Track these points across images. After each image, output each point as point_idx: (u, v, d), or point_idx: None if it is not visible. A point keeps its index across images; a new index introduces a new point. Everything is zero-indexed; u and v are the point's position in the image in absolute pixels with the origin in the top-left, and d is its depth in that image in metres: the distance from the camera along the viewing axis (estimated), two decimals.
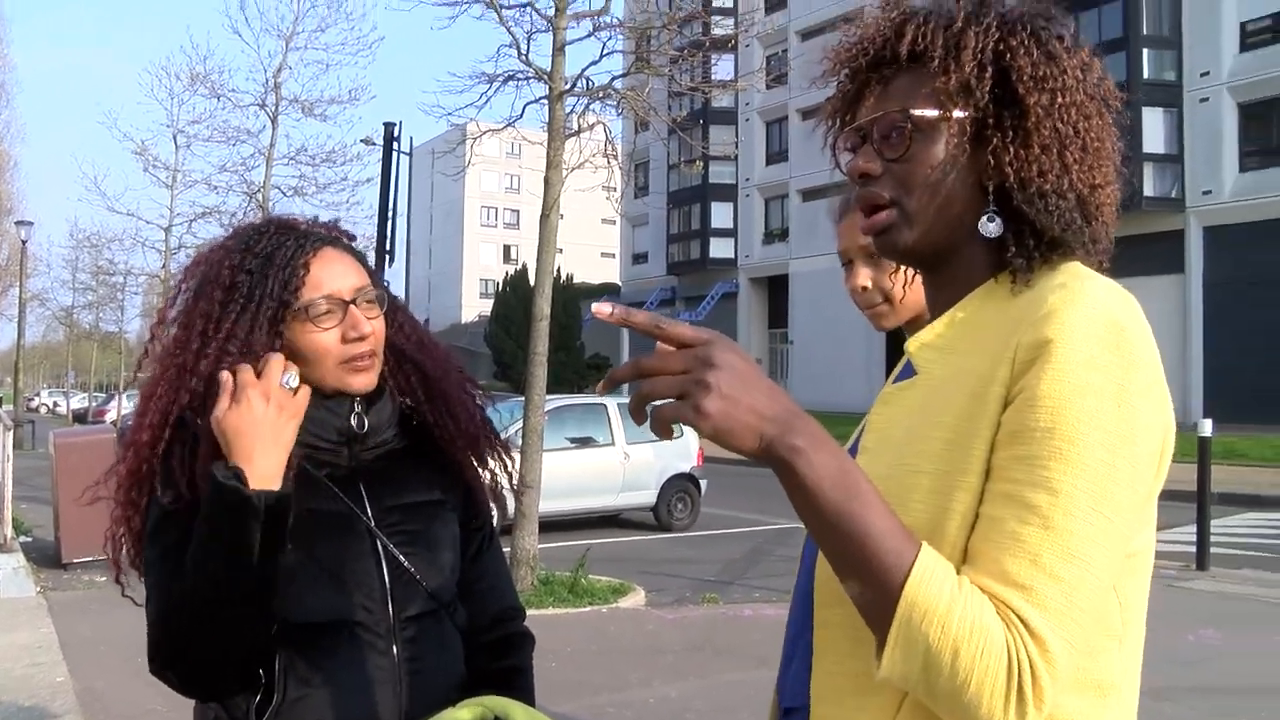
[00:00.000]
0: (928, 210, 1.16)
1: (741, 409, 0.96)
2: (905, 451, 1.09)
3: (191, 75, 20.93)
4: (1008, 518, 0.99)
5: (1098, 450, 0.98)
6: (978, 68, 1.12)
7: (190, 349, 1.59)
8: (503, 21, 9.60)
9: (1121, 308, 1.04)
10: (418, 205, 69.84)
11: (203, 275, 1.64)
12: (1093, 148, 1.14)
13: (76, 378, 53.86)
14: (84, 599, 8.77)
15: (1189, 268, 28.21)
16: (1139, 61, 28.34)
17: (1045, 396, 0.99)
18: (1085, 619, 0.97)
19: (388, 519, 1.66)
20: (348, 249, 1.71)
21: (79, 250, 31.63)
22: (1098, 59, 1.18)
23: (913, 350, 1.18)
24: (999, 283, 1.15)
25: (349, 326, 1.62)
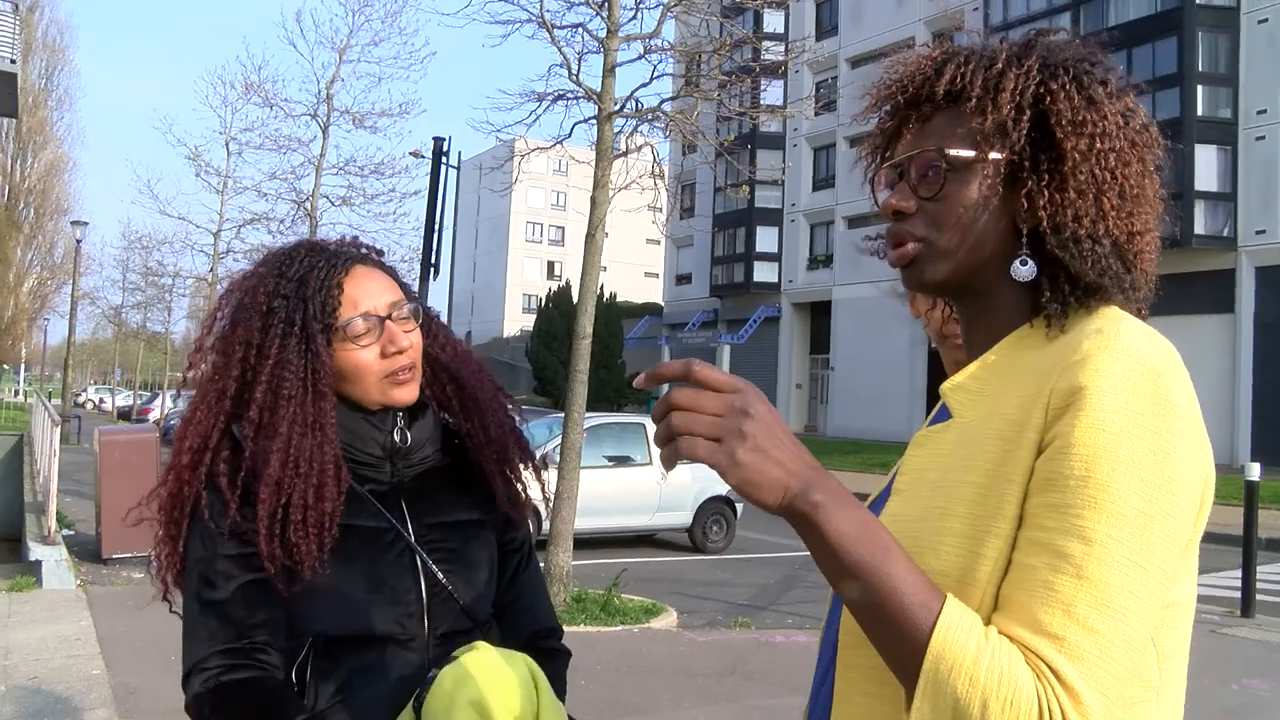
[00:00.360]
0: (958, 249, 1.16)
1: (770, 462, 0.97)
2: (938, 495, 1.08)
3: (246, 84, 21.26)
4: (1040, 566, 0.97)
5: (1133, 499, 0.97)
6: (1015, 110, 1.12)
7: (230, 374, 1.63)
8: (554, 41, 9.69)
9: (1158, 354, 1.03)
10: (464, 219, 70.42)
11: (238, 302, 1.68)
12: (1131, 194, 1.12)
13: (123, 375, 54.63)
14: (122, 594, 8.88)
15: (1239, 307, 27.79)
16: (1193, 98, 28.03)
17: (1079, 444, 0.98)
18: (1120, 671, 0.95)
19: (428, 536, 1.68)
20: (377, 264, 1.75)
21: (130, 251, 32.15)
22: (1141, 105, 1.17)
23: (947, 392, 1.18)
24: (1034, 327, 1.14)
25: (387, 341, 1.65)
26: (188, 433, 1.63)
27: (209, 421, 1.62)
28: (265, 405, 1.60)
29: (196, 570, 1.57)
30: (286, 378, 1.59)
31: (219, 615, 1.54)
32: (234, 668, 1.53)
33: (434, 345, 1.78)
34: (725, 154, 11.12)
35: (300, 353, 1.60)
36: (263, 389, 1.60)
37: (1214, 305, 27.15)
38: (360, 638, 1.59)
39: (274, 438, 1.57)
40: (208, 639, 1.54)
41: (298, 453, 1.57)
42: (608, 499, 12.97)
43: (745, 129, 28.50)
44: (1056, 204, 1.11)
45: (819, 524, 0.98)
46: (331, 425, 1.61)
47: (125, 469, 9.92)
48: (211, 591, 1.55)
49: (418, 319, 1.71)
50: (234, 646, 1.53)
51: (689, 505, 13.95)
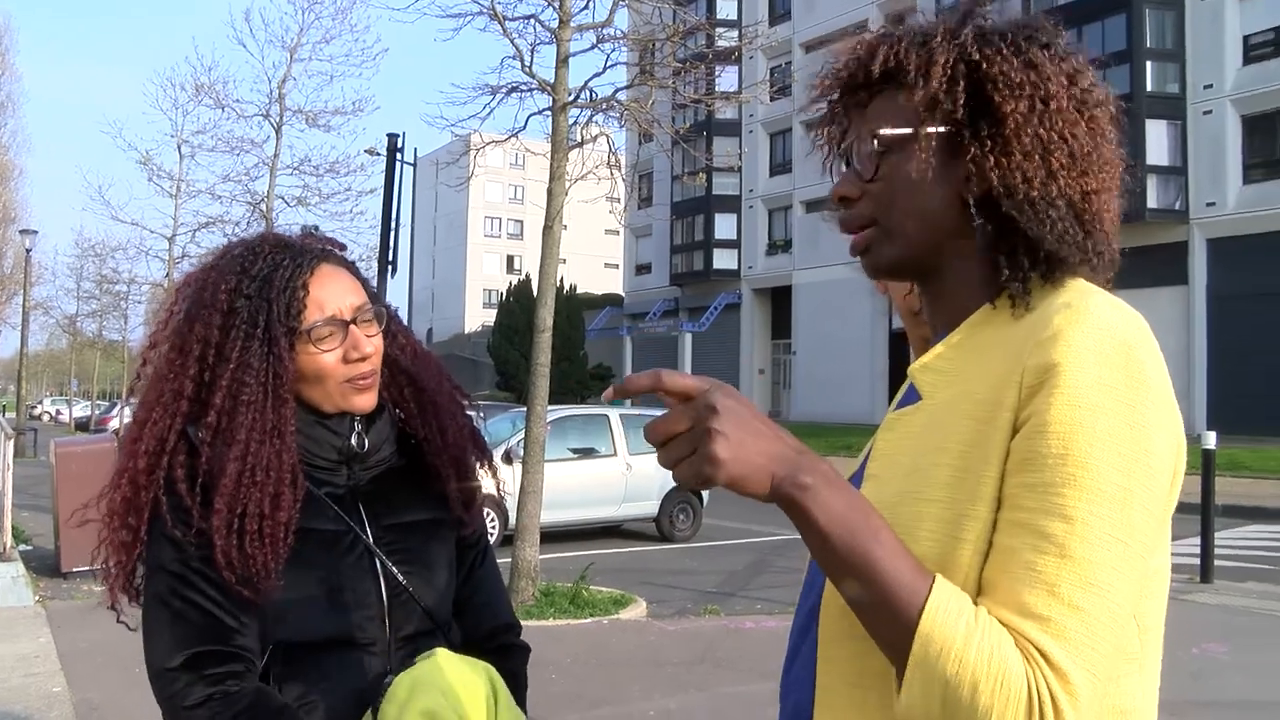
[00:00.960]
0: (906, 227, 1.15)
1: (750, 452, 0.96)
2: (913, 479, 1.07)
3: (196, 86, 21.00)
4: (1023, 548, 0.97)
5: (1112, 474, 0.96)
6: (948, 80, 1.11)
7: (187, 374, 1.57)
8: (506, 34, 9.62)
9: (1129, 326, 1.02)
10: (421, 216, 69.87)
11: (195, 298, 1.62)
12: (1081, 154, 1.11)
13: (79, 386, 53.90)
14: (83, 609, 8.75)
15: (1193, 280, 28.19)
16: (1142, 74, 28.35)
17: (1055, 422, 0.97)
18: (1107, 648, 0.95)
19: (386, 538, 1.65)
20: (342, 262, 1.70)
21: (83, 259, 31.78)
22: (1090, 67, 1.16)
23: (915, 373, 1.17)
24: (999, 307, 1.13)
25: (350, 347, 1.61)
26: (143, 434, 1.57)
27: (165, 423, 1.56)
28: (224, 410, 1.55)
29: (169, 571, 1.52)
30: (247, 382, 1.54)
31: (204, 614, 1.50)
32: (233, 675, 1.49)
33: (393, 347, 1.74)
34: (681, 142, 11.10)
35: (262, 356, 1.56)
36: (222, 394, 1.55)
37: (1168, 278, 27.50)
38: (321, 643, 1.57)
39: (231, 444, 1.53)
40: (194, 637, 1.49)
41: (255, 461, 1.53)
42: (573, 491, 12.96)
43: (701, 116, 28.49)
44: (1004, 168, 1.09)
45: (807, 507, 0.97)
46: (291, 432, 1.57)
47: (83, 480, 9.74)
48: (190, 591, 1.50)
49: (381, 323, 1.68)
50: (225, 649, 1.49)
51: (655, 495, 13.97)
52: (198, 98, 21.08)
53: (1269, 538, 13.46)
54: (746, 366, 43.92)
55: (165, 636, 1.50)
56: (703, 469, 0.96)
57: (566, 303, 37.87)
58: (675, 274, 46.78)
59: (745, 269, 44.11)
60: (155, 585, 1.53)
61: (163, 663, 1.49)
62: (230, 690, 1.48)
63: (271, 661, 1.54)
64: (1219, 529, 10.48)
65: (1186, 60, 28.71)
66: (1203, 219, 28.16)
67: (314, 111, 20.36)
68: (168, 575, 1.51)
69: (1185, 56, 28.75)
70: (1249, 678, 6.71)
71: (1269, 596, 9.46)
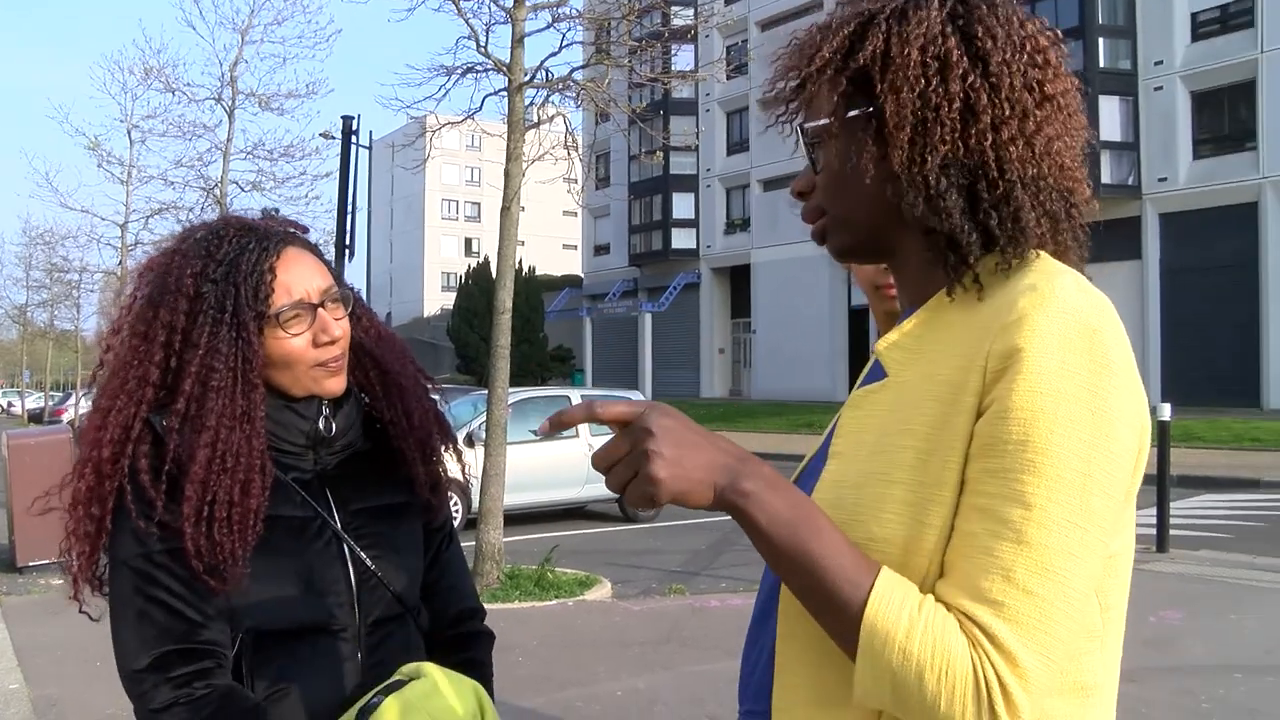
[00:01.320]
0: (850, 214, 1.18)
1: (688, 467, 1.00)
2: (877, 460, 1.07)
3: (145, 69, 20.62)
4: (981, 533, 0.98)
5: (1072, 460, 0.97)
6: (862, 68, 1.12)
7: (152, 360, 1.54)
8: (461, 13, 9.54)
9: (1094, 310, 1.02)
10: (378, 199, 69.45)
11: (159, 283, 1.59)
12: (976, 110, 1.08)
13: (32, 377, 53.06)
14: (40, 603, 8.63)
15: (1146, 254, 28.57)
16: (1095, 50, 28.63)
17: (1017, 407, 0.98)
18: (1061, 631, 0.96)
19: (354, 523, 1.64)
20: (306, 245, 1.68)
21: (32, 247, 31.18)
22: (988, 21, 1.12)
23: (881, 350, 1.17)
24: (967, 288, 1.12)
25: (319, 330, 1.60)
26: (107, 422, 1.54)
27: (130, 410, 1.53)
28: (193, 396, 1.52)
29: (132, 567, 1.49)
30: (217, 368, 1.52)
31: (168, 611, 1.48)
32: (200, 674, 1.47)
33: (358, 329, 1.72)
34: (638, 121, 11.08)
35: (231, 341, 1.53)
36: (191, 380, 1.52)
37: (1122, 252, 27.87)
38: (292, 630, 1.55)
39: (201, 431, 1.51)
40: (159, 636, 1.47)
41: (225, 447, 1.51)
42: (536, 473, 12.97)
43: (657, 95, 28.43)
44: (917, 146, 1.09)
45: (750, 512, 1.00)
46: (261, 418, 1.55)
47: (37, 472, 9.59)
48: (154, 588, 1.48)
49: (348, 305, 1.66)
50: (190, 646, 1.47)
51: None
52: (147, 81, 20.72)
53: (1220, 507, 13.71)
54: (706, 346, 44.04)
55: (131, 638, 1.48)
56: (645, 489, 0.99)
57: (525, 284, 37.78)
58: (634, 254, 46.74)
59: (704, 248, 44.15)
60: (119, 583, 1.51)
61: (130, 664, 1.48)
62: (196, 693, 1.46)
63: (242, 651, 1.52)
64: (1174, 499, 10.66)
65: (1137, 37, 29.02)
66: (1155, 194, 28.53)
67: (267, 95, 20.06)
68: (130, 572, 1.49)
69: (1136, 33, 29.06)
70: (1204, 643, 6.84)
71: (1222, 564, 9.64)
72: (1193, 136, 28.47)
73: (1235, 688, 5.79)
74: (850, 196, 1.17)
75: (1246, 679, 5.96)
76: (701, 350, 44.09)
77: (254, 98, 19.93)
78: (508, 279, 9.18)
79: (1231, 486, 15.43)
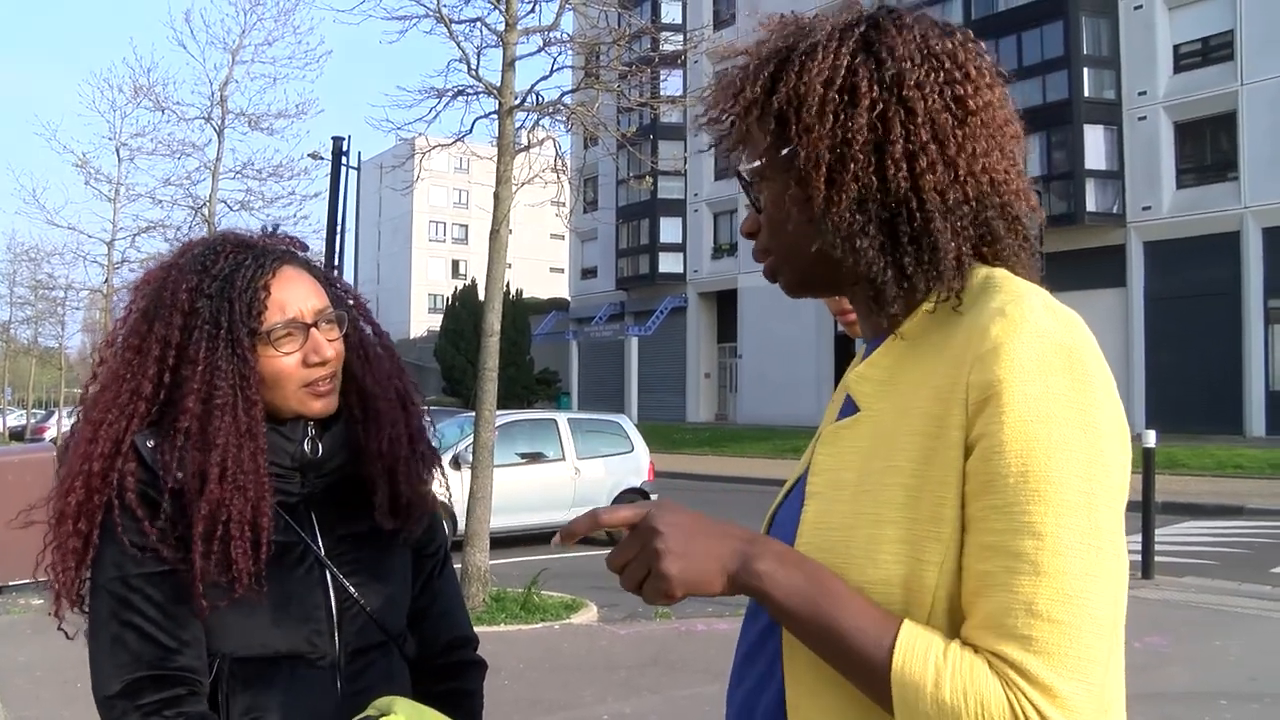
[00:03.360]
0: (786, 251, 1.18)
1: (698, 559, 1.03)
2: (864, 500, 1.06)
3: (134, 88, 20.57)
4: (997, 570, 0.97)
5: (1074, 482, 0.97)
6: (782, 108, 1.12)
7: (145, 374, 1.53)
8: (452, 36, 9.57)
9: (1066, 329, 1.02)
10: (366, 220, 69.39)
11: (155, 297, 1.58)
12: (894, 140, 1.07)
13: (14, 394, 52.72)
14: (18, 624, 8.54)
15: (1130, 281, 28.72)
16: (1080, 80, 28.84)
17: (1010, 441, 0.98)
18: (1094, 653, 0.96)
19: (338, 549, 1.61)
20: (304, 264, 1.66)
21: (16, 264, 30.98)
22: (896, 48, 1.11)
23: (851, 383, 1.16)
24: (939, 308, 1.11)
25: (310, 350, 1.58)
26: (99, 435, 1.52)
27: (121, 425, 1.52)
28: (195, 413, 1.50)
29: (109, 591, 1.47)
30: (219, 385, 1.51)
31: (141, 637, 1.46)
32: (172, 702, 1.45)
33: (351, 354, 1.69)
34: (627, 146, 11.11)
35: (229, 358, 1.52)
36: (194, 397, 1.50)
37: (1107, 280, 28.00)
38: (268, 658, 1.53)
39: (209, 449, 1.49)
40: (131, 663, 1.45)
41: (236, 466, 1.49)
42: (523, 496, 12.91)
43: (646, 120, 28.55)
44: (834, 185, 1.08)
45: (766, 591, 1.03)
46: (262, 434, 1.53)
47: (19, 491, 9.46)
48: (129, 613, 1.46)
49: (343, 327, 1.64)
50: (162, 673, 1.45)
51: (604, 499, 13.93)
52: (136, 99, 20.63)
53: (1204, 534, 13.74)
54: (693, 370, 44.03)
55: (105, 663, 1.47)
56: (659, 586, 1.03)
57: (512, 307, 37.75)
58: (621, 278, 46.77)
59: (691, 273, 44.21)
60: (96, 606, 1.49)
61: (103, 690, 1.46)
62: None
63: (219, 677, 1.50)
64: (1159, 526, 10.68)
65: (1121, 67, 29.28)
66: (1139, 222, 28.71)
67: (257, 114, 20.00)
68: (107, 595, 1.48)
69: (1120, 64, 29.31)
70: (1189, 669, 6.84)
71: (1207, 590, 9.66)
72: (1176, 166, 28.67)
73: (1220, 714, 5.79)
74: (787, 236, 1.17)
75: (1231, 705, 5.95)
76: (688, 374, 44.07)
77: (244, 117, 19.90)
78: (496, 302, 9.18)
79: (1215, 513, 15.46)
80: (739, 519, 1.08)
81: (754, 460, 25.56)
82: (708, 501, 18.37)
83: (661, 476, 14.43)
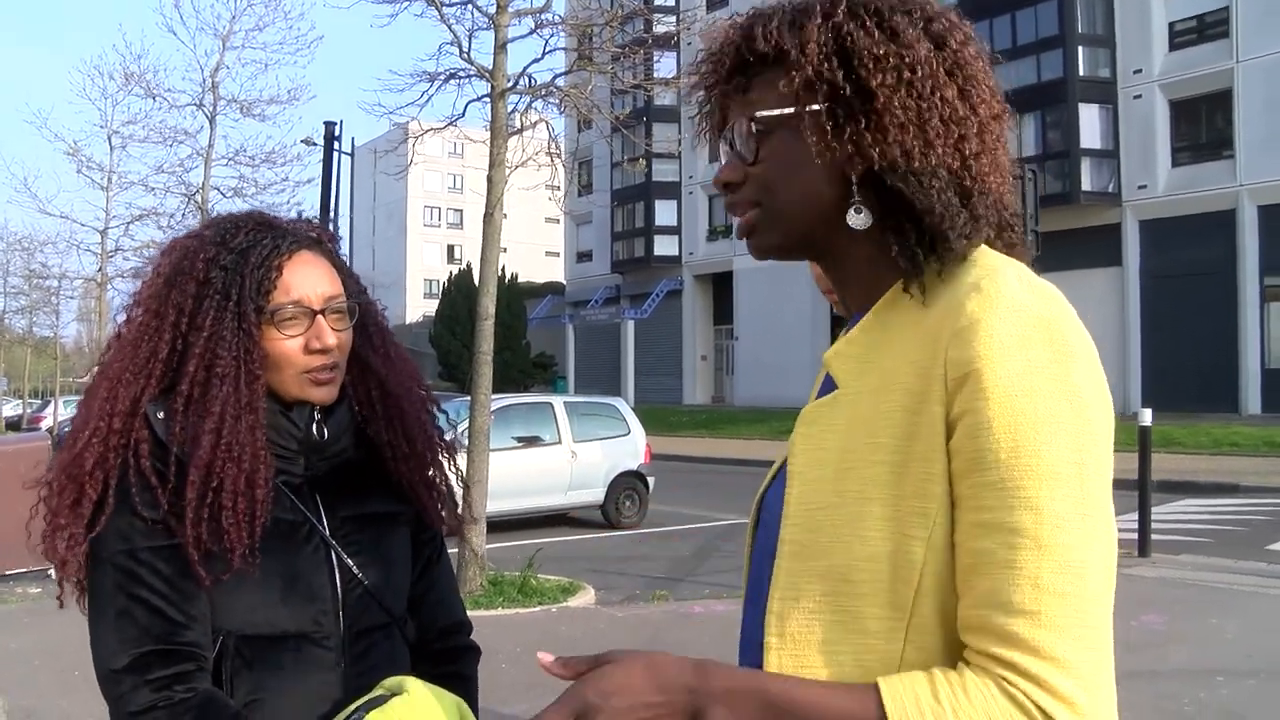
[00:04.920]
0: (789, 208, 1.15)
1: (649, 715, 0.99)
2: (847, 478, 1.06)
3: (125, 75, 20.52)
4: (996, 548, 0.97)
5: (1065, 454, 0.97)
6: (823, 58, 1.10)
7: (162, 338, 1.54)
8: (444, 19, 9.53)
9: (1043, 301, 1.02)
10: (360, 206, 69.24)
11: (176, 264, 1.59)
12: (955, 118, 1.10)
13: (10, 384, 52.64)
14: (17, 612, 8.55)
15: (1126, 260, 28.72)
16: (1075, 59, 28.78)
17: (997, 417, 0.97)
18: (1100, 622, 0.97)
19: (342, 529, 1.62)
20: (326, 253, 1.67)
21: (9, 253, 30.93)
22: (963, 24, 1.15)
23: (829, 360, 1.16)
24: (909, 289, 1.11)
25: (313, 336, 1.58)
26: (116, 393, 1.52)
27: (139, 385, 1.53)
28: (196, 380, 1.52)
29: (115, 564, 1.46)
30: (221, 355, 1.52)
31: (150, 611, 1.45)
32: (181, 677, 1.44)
33: (366, 346, 1.71)
34: (621, 128, 11.09)
35: (234, 330, 1.53)
36: (195, 362, 1.52)
37: (1103, 259, 28.01)
38: (273, 636, 1.53)
39: (205, 417, 1.50)
40: (139, 636, 1.44)
41: (231, 436, 1.49)
42: (519, 480, 12.92)
43: (640, 102, 28.49)
44: (881, 143, 1.08)
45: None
46: (262, 409, 1.54)
47: (14, 479, 9.42)
48: (136, 586, 1.45)
49: (353, 318, 1.64)
50: (171, 648, 1.45)
51: (601, 482, 13.97)
52: (127, 87, 20.61)
53: (1201, 512, 13.78)
54: (689, 353, 44.04)
55: (111, 636, 1.45)
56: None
57: (508, 291, 37.71)
58: (616, 261, 46.73)
59: (686, 255, 44.17)
60: (100, 579, 1.48)
61: (108, 664, 1.45)
62: (176, 696, 1.43)
63: (223, 654, 1.50)
64: (1155, 504, 10.71)
65: (1117, 45, 29.21)
66: (1134, 201, 28.70)
67: (248, 100, 19.98)
68: (113, 569, 1.47)
69: (1115, 42, 29.24)
70: (1186, 647, 6.87)
71: (1203, 569, 9.69)
72: (1171, 144, 28.64)
73: (1217, 691, 5.82)
74: (797, 190, 1.14)
75: (1228, 682, 5.98)
76: (684, 357, 44.08)
77: (235, 103, 19.87)
78: (491, 285, 9.17)
79: (1212, 491, 15.51)
80: (734, 500, 1.05)
81: (750, 442, 25.58)
82: (702, 483, 18.40)
83: (658, 459, 14.44)
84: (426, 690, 1.48)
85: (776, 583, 1.09)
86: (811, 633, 1.05)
